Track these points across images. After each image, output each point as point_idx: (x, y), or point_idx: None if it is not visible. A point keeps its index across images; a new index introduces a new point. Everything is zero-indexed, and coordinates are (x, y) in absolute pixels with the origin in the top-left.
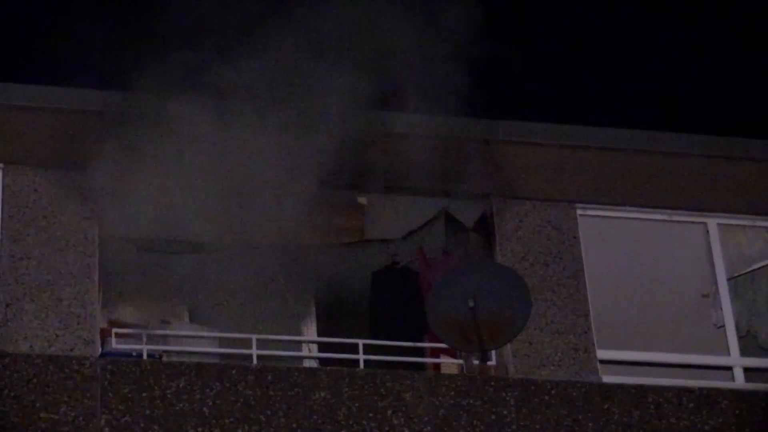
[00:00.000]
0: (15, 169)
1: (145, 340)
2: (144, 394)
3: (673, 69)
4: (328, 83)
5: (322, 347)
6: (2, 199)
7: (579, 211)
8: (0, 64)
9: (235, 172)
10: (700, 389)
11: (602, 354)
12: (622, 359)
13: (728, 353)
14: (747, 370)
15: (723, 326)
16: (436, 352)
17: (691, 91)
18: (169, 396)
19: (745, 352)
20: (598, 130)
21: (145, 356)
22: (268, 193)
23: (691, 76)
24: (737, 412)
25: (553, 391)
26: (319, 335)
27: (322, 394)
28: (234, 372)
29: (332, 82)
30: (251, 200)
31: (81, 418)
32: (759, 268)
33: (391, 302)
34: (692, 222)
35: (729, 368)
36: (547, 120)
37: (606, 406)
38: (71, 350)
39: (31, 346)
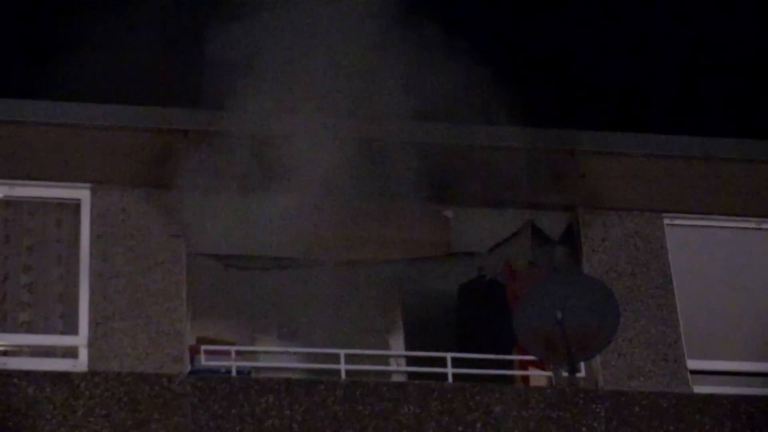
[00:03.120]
0: (102, 189)
1: (233, 356)
2: (233, 411)
3: (763, 75)
4: (413, 97)
5: (410, 361)
6: (90, 219)
7: (666, 221)
8: (84, 84)
9: (319, 188)
10: None
11: (693, 364)
12: (713, 369)
13: None
14: None
15: None
16: (524, 365)
17: None
18: (258, 412)
19: None
20: (684, 139)
21: (234, 373)
22: (354, 208)
23: None
24: None
25: (643, 403)
26: (406, 349)
27: (411, 408)
28: (322, 387)
29: (417, 95)
30: (337, 216)
31: None
32: None
33: (479, 315)
34: None
35: None
36: (632, 129)
37: (697, 417)
38: (161, 368)
39: (121, 364)
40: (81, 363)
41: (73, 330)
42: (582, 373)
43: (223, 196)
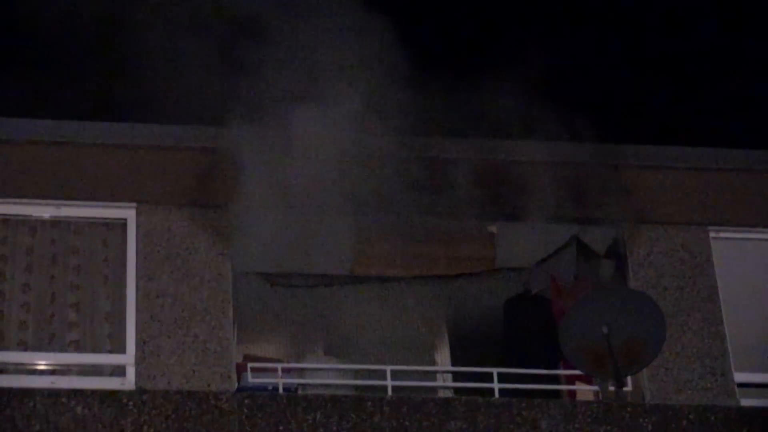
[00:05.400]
0: (148, 208)
1: (280, 373)
2: (281, 428)
3: None
4: (455, 112)
5: (457, 377)
6: (136, 238)
7: (712, 234)
8: (131, 105)
9: (366, 207)
10: None
11: (740, 377)
12: (760, 382)
13: None
14: None
15: None
16: (571, 379)
17: None
18: (305, 429)
19: None
20: (729, 152)
21: (281, 390)
22: (400, 224)
23: None
24: None
25: (691, 416)
26: (453, 365)
27: (458, 423)
28: (369, 404)
29: (464, 111)
30: (383, 233)
31: None
32: None
33: (525, 330)
34: None
35: None
36: (676, 143)
37: (745, 431)
38: (208, 385)
39: (168, 382)
40: (128, 381)
41: (120, 349)
42: (629, 387)
43: (269, 213)
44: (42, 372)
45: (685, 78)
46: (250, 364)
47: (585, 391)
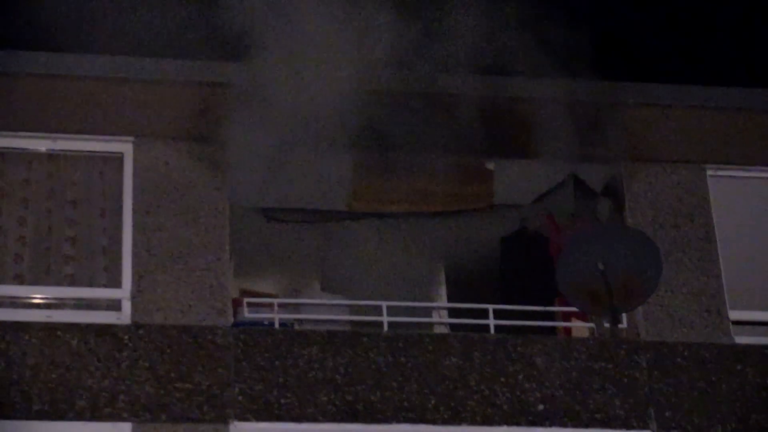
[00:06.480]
0: (145, 142)
1: (276, 309)
2: (277, 363)
3: None
4: (453, 47)
5: (453, 313)
6: (133, 173)
7: (709, 172)
8: (127, 38)
9: (364, 142)
10: None
11: (735, 315)
12: (755, 320)
13: None
14: None
15: None
16: (566, 316)
17: None
18: (301, 364)
19: None
20: (728, 90)
21: (276, 325)
22: (397, 160)
23: None
24: None
25: (685, 353)
26: (449, 301)
27: (454, 360)
28: (365, 339)
29: (459, 46)
30: (379, 169)
31: (215, 387)
32: None
33: (521, 267)
34: None
35: None
36: (675, 81)
37: (739, 368)
38: (204, 320)
39: (164, 317)
40: (124, 315)
41: (116, 283)
42: (624, 325)
43: (266, 149)
44: (38, 306)
45: (684, 14)
46: (246, 299)
47: (580, 327)
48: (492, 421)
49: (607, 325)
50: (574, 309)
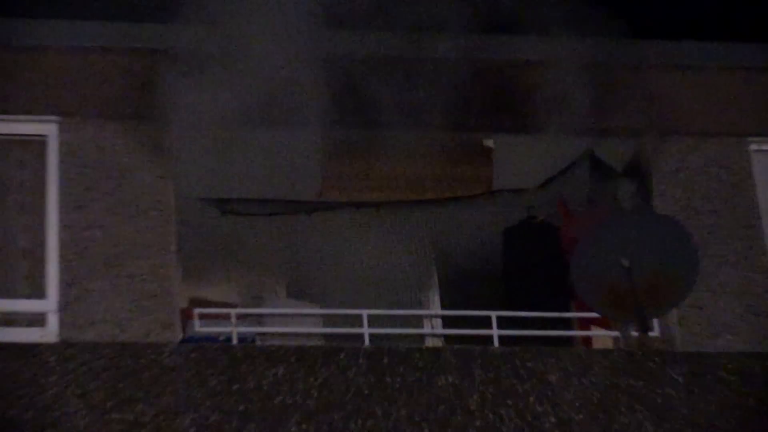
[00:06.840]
0: (73, 122)
1: (234, 321)
2: (235, 387)
3: None
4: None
5: (448, 322)
6: (59, 159)
7: (753, 146)
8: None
9: (334, 118)
10: None
11: None
12: None
13: None
14: None
15: None
16: (585, 324)
17: None
18: (265, 387)
19: None
20: None
21: (235, 340)
22: (375, 139)
23: None
24: None
25: (729, 366)
26: (443, 307)
27: (450, 378)
28: (343, 356)
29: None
30: (355, 149)
31: (161, 418)
32: None
33: (529, 265)
34: None
35: None
36: (708, 38)
37: None
38: (147, 336)
39: (98, 333)
40: (50, 332)
41: (40, 294)
42: (655, 332)
43: (218, 129)
44: None
45: None
46: (197, 310)
47: (602, 337)
48: None
49: (634, 333)
50: (594, 315)
